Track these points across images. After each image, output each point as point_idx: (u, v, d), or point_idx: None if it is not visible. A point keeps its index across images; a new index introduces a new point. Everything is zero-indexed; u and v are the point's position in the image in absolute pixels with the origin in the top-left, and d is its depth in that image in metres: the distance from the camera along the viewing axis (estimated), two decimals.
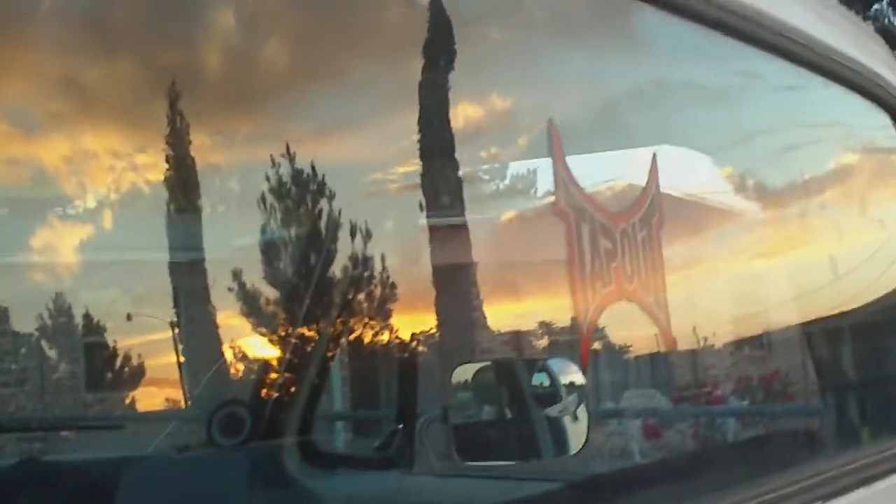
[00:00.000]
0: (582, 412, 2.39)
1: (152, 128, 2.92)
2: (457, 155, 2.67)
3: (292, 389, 2.95)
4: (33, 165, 2.93)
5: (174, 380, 3.98)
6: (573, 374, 2.41)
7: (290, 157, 2.95)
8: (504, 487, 2.55)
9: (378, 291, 3.11)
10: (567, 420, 2.39)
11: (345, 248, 3.01)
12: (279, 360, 3.15)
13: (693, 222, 2.98)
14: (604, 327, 2.80)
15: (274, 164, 3.01)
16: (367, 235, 2.96)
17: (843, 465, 2.52)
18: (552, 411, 2.41)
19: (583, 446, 2.36)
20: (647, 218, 2.17)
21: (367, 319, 3.21)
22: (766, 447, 3.03)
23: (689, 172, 2.84)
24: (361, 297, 3.21)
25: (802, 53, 2.21)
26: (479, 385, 2.56)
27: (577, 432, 2.41)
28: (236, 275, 3.36)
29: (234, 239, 3.46)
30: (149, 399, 4.82)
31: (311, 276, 3.14)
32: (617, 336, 5.66)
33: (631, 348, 5.50)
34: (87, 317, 5.61)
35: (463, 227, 2.78)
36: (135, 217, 3.42)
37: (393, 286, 3.10)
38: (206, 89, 2.79)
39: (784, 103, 2.95)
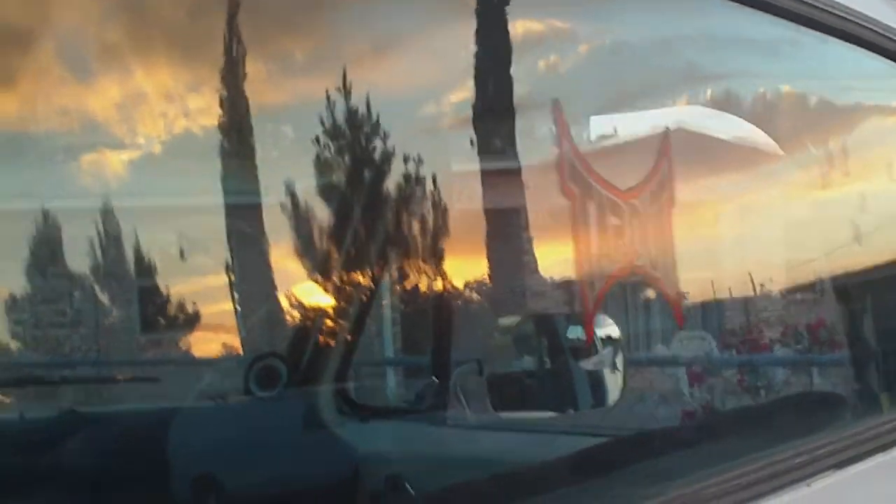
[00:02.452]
0: (618, 365, 2.37)
1: (205, 66, 2.90)
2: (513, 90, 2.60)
3: (331, 340, 2.95)
4: (86, 109, 2.94)
5: (220, 326, 4.01)
6: (609, 328, 2.38)
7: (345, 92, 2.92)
8: (540, 440, 2.54)
9: (420, 240, 3.10)
10: (603, 373, 2.38)
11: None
12: (323, 308, 3.15)
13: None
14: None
15: (328, 100, 2.98)
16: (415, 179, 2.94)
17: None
18: (588, 364, 2.39)
19: (618, 399, 2.34)
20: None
21: (408, 267, 3.20)
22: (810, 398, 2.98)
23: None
24: (404, 246, 3.20)
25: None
26: (516, 338, 2.55)
27: (612, 385, 2.39)
28: (287, 219, 3.37)
29: (286, 181, 3.45)
30: (198, 345, 4.87)
31: (355, 221, 3.13)
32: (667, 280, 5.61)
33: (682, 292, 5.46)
34: (140, 261, 5.65)
35: (515, 171, 2.74)
36: (187, 160, 3.44)
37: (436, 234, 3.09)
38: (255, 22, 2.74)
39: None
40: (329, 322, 3.04)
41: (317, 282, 3.35)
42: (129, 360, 5.00)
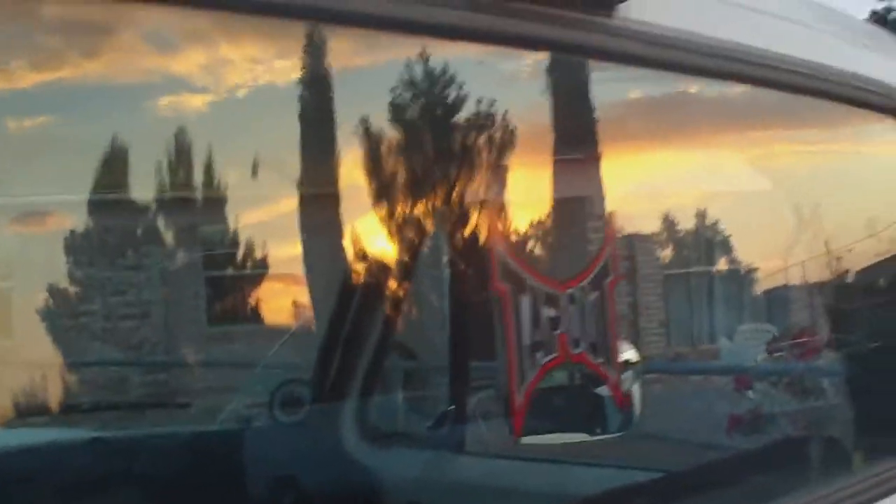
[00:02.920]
0: (636, 391, 2.33)
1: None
2: None
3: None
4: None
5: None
6: (627, 352, 2.34)
7: None
8: (557, 469, 2.51)
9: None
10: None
11: None
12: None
13: None
14: None
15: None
16: None
17: None
18: (603, 391, 2.36)
19: (633, 424, 2.30)
20: None
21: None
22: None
23: None
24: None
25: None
26: None
27: (633, 407, 2.36)
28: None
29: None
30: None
31: None
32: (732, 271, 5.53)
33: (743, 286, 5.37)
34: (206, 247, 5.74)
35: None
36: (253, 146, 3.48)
37: None
38: None
39: None
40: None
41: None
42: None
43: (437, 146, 3.18)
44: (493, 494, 2.51)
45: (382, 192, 3.34)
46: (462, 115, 3.04)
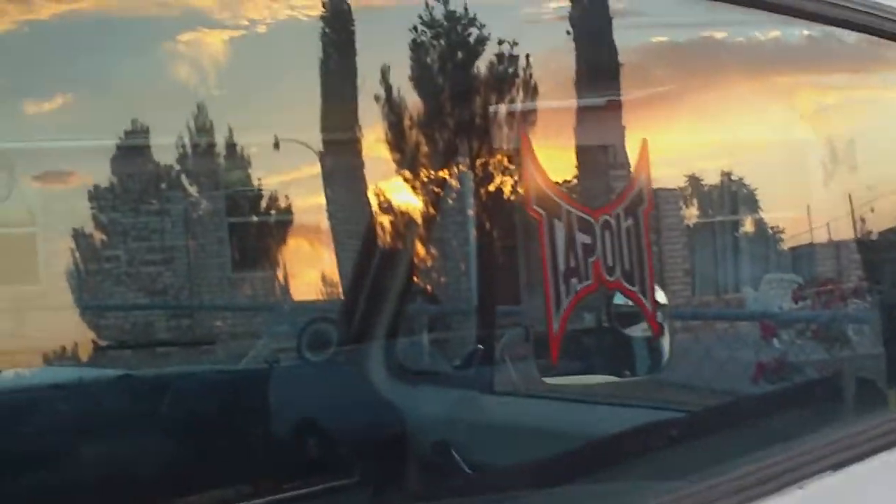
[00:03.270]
0: (665, 331, 2.33)
1: None
2: None
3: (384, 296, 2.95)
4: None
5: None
6: (658, 294, 2.33)
7: None
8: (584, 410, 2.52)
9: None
10: (650, 339, 2.33)
11: None
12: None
13: None
14: None
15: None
16: None
17: None
18: (635, 331, 2.35)
19: (663, 366, 2.30)
20: None
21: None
22: None
23: None
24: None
25: None
26: None
27: (660, 351, 2.35)
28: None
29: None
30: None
31: None
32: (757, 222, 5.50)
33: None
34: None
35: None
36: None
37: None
38: None
39: None
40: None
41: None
42: None
43: (460, 84, 3.17)
44: (522, 432, 2.52)
45: (407, 132, 3.33)
46: (489, 51, 3.02)
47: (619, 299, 2.44)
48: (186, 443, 2.67)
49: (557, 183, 1.67)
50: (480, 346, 2.78)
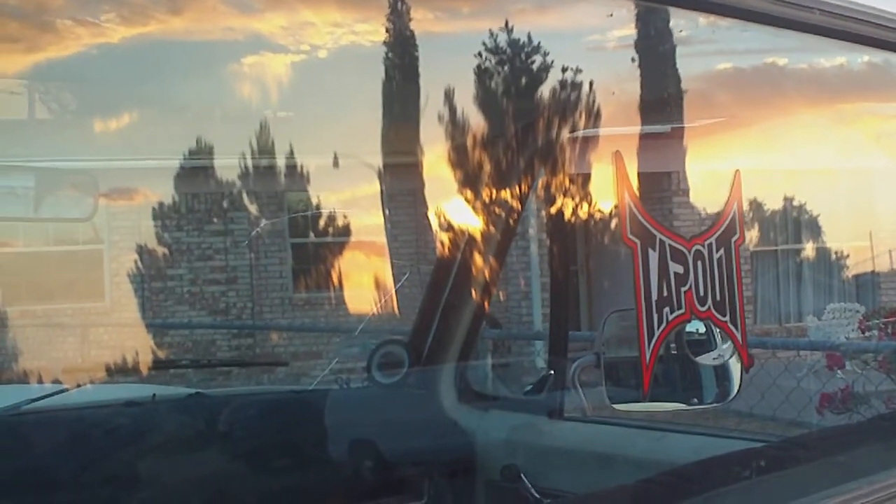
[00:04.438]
0: (735, 361, 2.33)
1: None
2: None
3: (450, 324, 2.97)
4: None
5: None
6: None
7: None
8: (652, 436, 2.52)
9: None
10: (720, 368, 2.34)
11: None
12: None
13: None
14: None
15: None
16: None
17: None
18: (706, 359, 2.36)
19: (735, 394, 2.31)
20: None
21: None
22: None
23: None
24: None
25: None
26: (632, 331, 2.52)
27: (730, 380, 2.36)
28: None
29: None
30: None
31: None
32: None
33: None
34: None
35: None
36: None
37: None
38: None
39: None
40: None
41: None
42: None
43: (534, 109, 3.19)
44: (591, 458, 2.53)
45: (475, 155, 3.35)
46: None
47: (691, 327, 2.45)
48: (255, 463, 2.70)
49: (651, 214, 1.69)
50: (552, 372, 2.79)
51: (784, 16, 1.81)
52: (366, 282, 5.20)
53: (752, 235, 5.70)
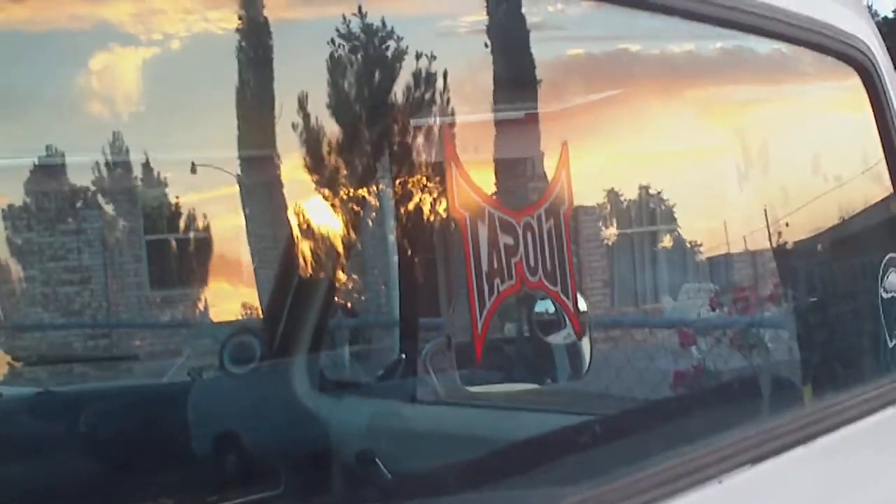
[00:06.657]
0: (585, 339, 2.35)
1: None
2: None
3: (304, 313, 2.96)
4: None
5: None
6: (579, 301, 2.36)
7: None
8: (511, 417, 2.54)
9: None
10: (571, 346, 2.36)
11: None
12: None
13: None
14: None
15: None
16: None
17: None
18: (556, 338, 2.38)
19: (585, 373, 2.33)
20: None
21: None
22: None
23: None
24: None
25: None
26: None
27: (580, 358, 2.38)
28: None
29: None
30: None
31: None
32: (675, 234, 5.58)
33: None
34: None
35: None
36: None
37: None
38: None
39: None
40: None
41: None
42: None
43: (377, 93, 3.18)
44: (444, 439, 2.53)
45: (327, 144, 3.33)
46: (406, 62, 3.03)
47: (540, 307, 2.47)
48: (107, 459, 2.65)
49: (480, 187, 1.69)
50: (403, 356, 2.79)
51: None
52: (223, 276, 5.14)
53: (610, 221, 5.77)
